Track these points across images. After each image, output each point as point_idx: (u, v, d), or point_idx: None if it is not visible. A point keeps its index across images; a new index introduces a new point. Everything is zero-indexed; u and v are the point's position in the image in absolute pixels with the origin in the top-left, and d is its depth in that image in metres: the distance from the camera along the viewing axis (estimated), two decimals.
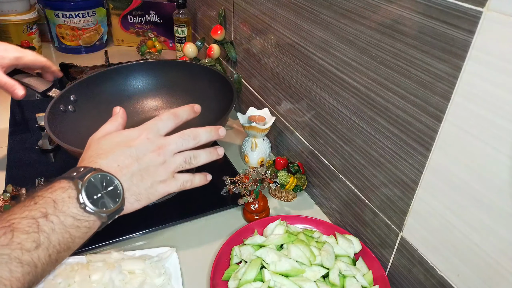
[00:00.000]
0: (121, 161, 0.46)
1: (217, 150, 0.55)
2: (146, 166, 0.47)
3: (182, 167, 0.51)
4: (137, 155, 0.47)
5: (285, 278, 0.55)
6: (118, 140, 0.48)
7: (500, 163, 0.41)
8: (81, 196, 0.41)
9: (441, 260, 0.51)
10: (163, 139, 0.49)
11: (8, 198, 0.58)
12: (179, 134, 0.51)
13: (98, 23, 1.37)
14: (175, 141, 0.50)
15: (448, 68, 0.44)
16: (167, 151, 0.49)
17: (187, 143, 0.51)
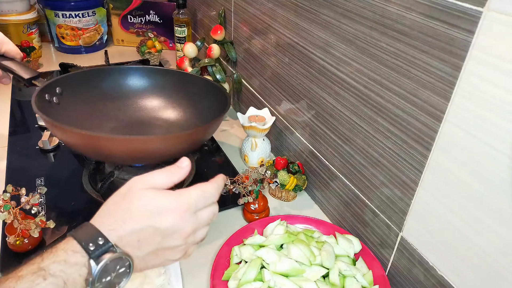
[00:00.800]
0: (143, 236, 0.40)
1: None
2: (166, 247, 0.42)
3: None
4: (164, 234, 0.41)
5: (285, 278, 0.55)
6: (153, 207, 0.41)
7: (500, 163, 0.41)
8: (92, 280, 0.37)
9: (441, 260, 0.51)
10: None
11: (8, 198, 0.58)
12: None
13: (98, 23, 1.37)
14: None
15: (448, 68, 0.44)
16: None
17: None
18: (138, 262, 0.41)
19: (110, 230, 0.39)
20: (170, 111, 0.89)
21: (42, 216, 0.60)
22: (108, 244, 0.38)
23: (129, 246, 0.40)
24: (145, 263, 0.43)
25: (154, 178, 0.44)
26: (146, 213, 0.40)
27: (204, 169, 0.84)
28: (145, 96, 0.89)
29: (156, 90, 0.90)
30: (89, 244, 0.37)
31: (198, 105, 0.87)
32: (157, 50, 1.27)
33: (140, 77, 0.89)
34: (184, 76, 0.89)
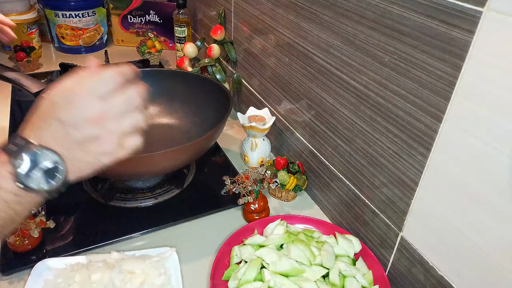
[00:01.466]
0: (56, 132, 0.41)
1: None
2: (85, 138, 0.42)
3: (130, 132, 0.44)
4: (72, 124, 0.41)
5: (285, 278, 0.55)
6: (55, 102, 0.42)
7: (500, 163, 0.41)
8: (19, 174, 0.39)
9: (441, 260, 0.51)
10: (104, 103, 0.43)
11: None
12: (120, 97, 0.44)
13: (98, 23, 1.37)
14: (119, 104, 0.43)
15: (448, 68, 0.44)
16: (109, 117, 0.43)
17: (132, 106, 0.44)
18: (70, 162, 0.42)
19: (29, 133, 0.41)
20: (171, 116, 0.90)
21: (42, 216, 0.60)
22: (27, 142, 0.40)
23: (50, 145, 0.41)
24: (79, 162, 0.42)
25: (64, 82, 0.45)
26: (49, 109, 0.42)
27: (204, 169, 0.84)
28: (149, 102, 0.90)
29: (156, 93, 0.90)
30: (12, 146, 0.40)
31: (199, 107, 0.87)
32: (157, 50, 1.27)
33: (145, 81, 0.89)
34: (185, 75, 0.89)
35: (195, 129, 0.86)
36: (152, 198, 0.74)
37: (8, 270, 0.59)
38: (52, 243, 0.64)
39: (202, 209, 0.73)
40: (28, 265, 0.59)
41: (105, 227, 0.68)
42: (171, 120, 0.90)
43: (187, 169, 0.81)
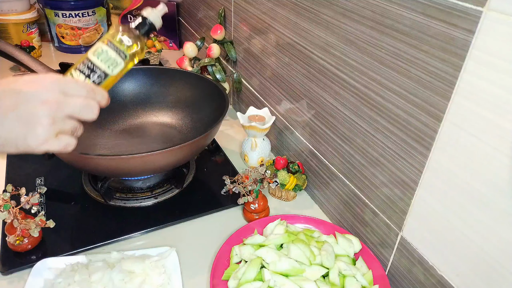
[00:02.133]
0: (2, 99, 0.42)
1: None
2: (27, 114, 0.42)
3: (69, 133, 0.46)
4: (25, 99, 0.42)
5: (285, 277, 0.55)
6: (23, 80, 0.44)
7: (500, 163, 0.41)
8: None
9: (441, 260, 0.51)
10: (64, 96, 0.44)
11: (8, 197, 0.58)
12: (82, 101, 0.45)
13: (98, 23, 1.37)
14: (77, 104, 0.45)
15: (448, 67, 0.44)
16: (63, 110, 0.44)
17: (87, 113, 0.46)
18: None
19: None
20: (168, 114, 0.90)
21: (42, 216, 0.60)
22: None
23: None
24: (7, 132, 0.42)
25: None
26: (12, 80, 0.44)
27: (204, 169, 0.84)
28: (143, 99, 0.90)
29: (153, 92, 0.90)
30: None
31: (196, 106, 0.87)
32: (157, 49, 1.27)
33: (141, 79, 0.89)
34: (181, 74, 0.89)
35: (191, 128, 0.86)
36: (152, 197, 0.74)
37: (8, 269, 0.59)
38: (52, 242, 0.64)
39: (202, 208, 0.73)
40: (28, 264, 0.59)
41: (105, 227, 0.68)
42: (168, 118, 0.90)
43: (187, 169, 0.81)
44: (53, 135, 0.44)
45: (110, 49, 0.49)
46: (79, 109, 0.45)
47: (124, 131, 0.87)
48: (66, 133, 0.46)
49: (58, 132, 0.44)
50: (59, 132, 0.45)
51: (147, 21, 0.52)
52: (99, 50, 0.49)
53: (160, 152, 0.61)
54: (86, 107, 0.46)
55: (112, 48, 0.49)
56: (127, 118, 0.89)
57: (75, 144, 0.47)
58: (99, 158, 0.62)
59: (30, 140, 0.43)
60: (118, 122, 0.88)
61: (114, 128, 0.87)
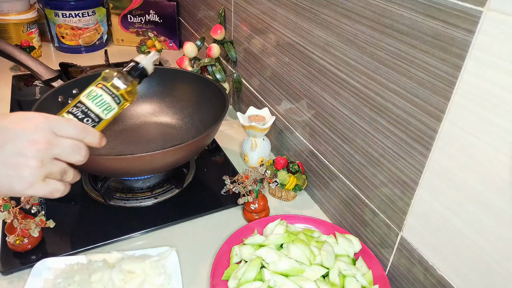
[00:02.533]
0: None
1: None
2: (14, 154, 0.40)
3: (56, 177, 0.44)
4: (13, 137, 0.40)
5: (285, 277, 0.55)
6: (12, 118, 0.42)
7: (500, 163, 0.41)
8: None
9: (441, 260, 0.51)
10: (54, 137, 0.42)
11: (8, 197, 0.58)
12: (72, 142, 0.44)
13: (98, 23, 1.37)
14: (66, 146, 0.43)
15: (448, 67, 0.44)
16: (52, 151, 0.42)
17: (74, 155, 0.44)
18: None
19: None
20: (168, 114, 0.90)
21: (42, 216, 0.60)
22: None
23: None
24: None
25: None
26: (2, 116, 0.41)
27: (204, 169, 0.84)
28: (141, 99, 0.90)
29: (152, 91, 0.90)
30: None
31: (196, 106, 0.87)
32: (157, 49, 1.27)
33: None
34: (180, 73, 0.89)
35: (191, 128, 0.87)
36: (152, 197, 0.74)
37: (8, 269, 0.59)
38: (52, 242, 0.64)
39: (202, 208, 0.73)
40: (28, 264, 0.59)
41: (105, 227, 0.68)
42: (168, 118, 0.90)
43: (187, 169, 0.81)
44: (40, 179, 0.42)
45: (105, 93, 0.49)
46: (68, 151, 0.43)
47: (124, 131, 0.87)
48: (54, 177, 0.43)
49: (46, 175, 0.42)
50: (47, 176, 0.42)
51: (139, 66, 0.53)
52: (93, 94, 0.49)
53: (160, 152, 0.61)
54: (75, 149, 0.44)
55: (107, 92, 0.49)
56: (127, 118, 0.89)
57: (63, 190, 0.44)
58: (99, 158, 0.62)
59: (15, 184, 0.40)
60: (118, 122, 0.88)
61: (114, 128, 0.87)
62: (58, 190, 0.44)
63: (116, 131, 0.86)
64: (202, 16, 1.22)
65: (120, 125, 0.88)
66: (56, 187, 0.44)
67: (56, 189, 0.44)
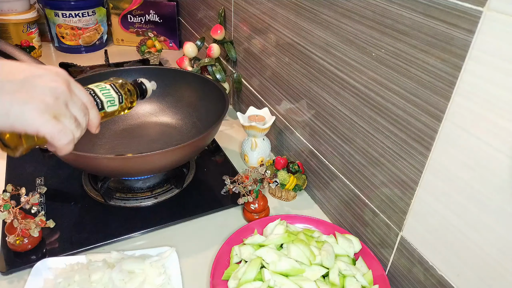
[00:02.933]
0: (7, 68, 0.40)
1: None
2: (33, 85, 0.40)
3: (71, 117, 0.43)
4: (36, 74, 0.41)
5: (285, 277, 0.55)
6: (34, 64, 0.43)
7: (500, 163, 0.41)
8: None
9: (441, 260, 0.51)
10: (70, 88, 0.44)
11: (8, 197, 0.58)
12: (82, 102, 0.45)
13: (98, 23, 1.37)
14: (78, 101, 0.44)
15: (448, 67, 0.44)
16: (68, 97, 0.43)
17: (81, 116, 0.45)
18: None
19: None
20: (167, 114, 0.90)
21: (42, 216, 0.60)
22: None
23: None
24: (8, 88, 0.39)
25: None
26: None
27: (204, 168, 0.84)
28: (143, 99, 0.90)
29: (152, 91, 0.90)
30: None
31: (196, 106, 0.87)
32: (157, 49, 1.27)
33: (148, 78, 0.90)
34: (181, 74, 0.89)
35: (191, 128, 0.87)
36: (152, 197, 0.74)
37: (8, 269, 0.59)
38: (52, 242, 0.64)
39: (202, 208, 0.73)
40: (28, 264, 0.59)
41: (105, 227, 0.68)
42: (168, 118, 0.90)
43: (187, 169, 0.81)
44: (52, 115, 0.41)
45: (112, 89, 0.53)
46: (78, 107, 0.44)
47: (124, 131, 0.87)
48: (64, 121, 0.43)
49: (57, 115, 0.42)
50: (57, 116, 0.42)
51: (143, 84, 0.60)
52: (101, 86, 0.52)
53: (160, 152, 0.61)
54: (83, 110, 0.45)
55: (114, 89, 0.53)
56: (127, 118, 0.89)
57: (70, 139, 0.43)
58: (99, 158, 0.62)
59: (27, 111, 0.39)
60: (118, 122, 0.88)
61: (114, 128, 0.87)
62: (66, 133, 0.42)
63: (116, 131, 0.87)
64: (202, 16, 1.22)
65: (120, 125, 0.88)
66: (65, 130, 0.42)
67: (64, 131, 0.42)
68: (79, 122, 0.45)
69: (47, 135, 0.41)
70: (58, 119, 0.42)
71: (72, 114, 0.44)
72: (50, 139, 0.41)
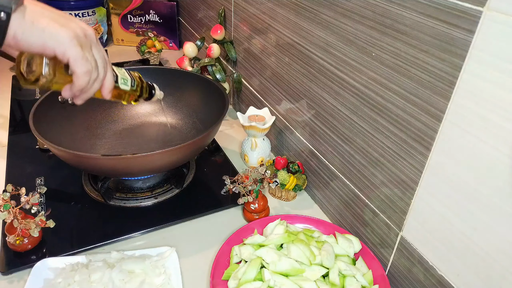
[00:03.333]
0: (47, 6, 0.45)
1: None
2: (69, 19, 0.46)
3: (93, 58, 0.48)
4: (68, 16, 0.46)
5: (285, 277, 0.55)
6: None
7: (500, 163, 0.41)
8: None
9: (441, 260, 0.51)
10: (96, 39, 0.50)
11: (8, 197, 0.58)
12: (104, 56, 0.50)
13: (98, 23, 1.37)
14: (101, 51, 0.49)
15: (448, 67, 0.44)
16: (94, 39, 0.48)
17: (102, 65, 0.49)
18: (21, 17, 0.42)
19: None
20: (168, 114, 0.90)
21: (42, 216, 0.60)
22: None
23: None
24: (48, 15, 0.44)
25: None
26: None
27: (204, 168, 0.84)
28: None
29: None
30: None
31: (195, 106, 0.87)
32: (157, 49, 1.27)
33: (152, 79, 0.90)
34: (180, 74, 0.89)
35: (191, 128, 0.87)
36: (152, 197, 0.74)
37: (8, 269, 0.59)
38: (52, 242, 0.64)
39: (202, 208, 0.73)
40: (28, 264, 0.59)
41: (105, 227, 0.68)
42: (168, 118, 0.90)
43: (187, 169, 0.81)
44: (79, 45, 0.45)
45: (126, 73, 0.57)
46: (101, 56, 0.49)
47: (124, 131, 0.87)
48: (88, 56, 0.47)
49: (83, 47, 0.46)
50: (83, 48, 0.46)
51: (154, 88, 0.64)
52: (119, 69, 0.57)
53: (160, 152, 0.61)
54: (104, 62, 0.50)
55: (128, 73, 0.58)
56: (127, 118, 0.89)
57: (88, 68, 0.46)
58: (99, 158, 0.62)
59: (61, 32, 0.43)
60: (118, 122, 0.88)
61: (114, 128, 0.87)
62: (88, 62, 0.46)
63: (116, 131, 0.87)
64: (202, 16, 1.22)
65: (120, 125, 0.88)
66: (87, 59, 0.46)
67: (86, 59, 0.46)
68: (98, 67, 0.49)
69: (71, 58, 0.45)
70: (83, 51, 0.46)
71: (94, 57, 0.48)
72: (73, 62, 0.45)
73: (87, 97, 0.50)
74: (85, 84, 0.48)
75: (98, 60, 0.48)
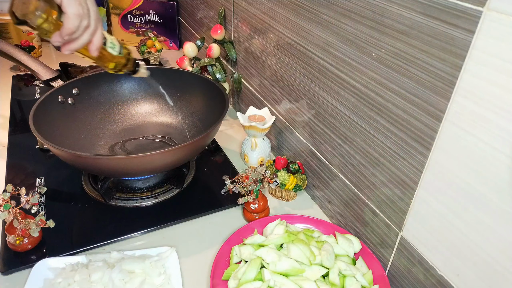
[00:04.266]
0: None
1: None
2: None
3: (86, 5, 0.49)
4: None
5: (285, 277, 0.55)
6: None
7: (500, 163, 0.41)
8: None
9: (441, 260, 0.51)
10: None
11: (8, 197, 0.58)
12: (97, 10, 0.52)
13: None
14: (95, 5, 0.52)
15: (448, 67, 0.44)
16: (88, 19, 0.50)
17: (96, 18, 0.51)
18: None
19: None
20: (168, 114, 0.90)
21: (42, 216, 0.60)
22: None
23: None
24: None
25: None
26: None
27: (204, 168, 0.84)
28: (141, 99, 0.90)
29: (153, 92, 0.90)
30: None
31: (195, 106, 0.87)
32: (157, 49, 1.27)
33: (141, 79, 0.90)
34: (180, 74, 0.89)
35: (191, 128, 0.87)
36: (152, 197, 0.74)
37: (8, 269, 0.59)
38: (52, 242, 0.64)
39: (202, 208, 0.73)
40: (28, 264, 0.59)
41: (105, 226, 0.68)
42: (168, 118, 0.90)
43: (187, 169, 0.81)
44: None
45: (116, 40, 0.61)
46: (94, 11, 0.50)
47: (124, 131, 0.87)
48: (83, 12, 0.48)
49: None
50: None
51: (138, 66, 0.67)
52: (110, 35, 0.60)
53: (160, 152, 0.61)
54: (97, 16, 0.51)
55: (118, 41, 0.62)
56: (127, 118, 0.89)
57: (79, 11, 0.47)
58: (99, 158, 0.62)
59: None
60: (118, 122, 0.88)
61: (114, 128, 0.87)
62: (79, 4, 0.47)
63: (116, 131, 0.87)
64: (202, 16, 1.22)
65: (120, 125, 0.88)
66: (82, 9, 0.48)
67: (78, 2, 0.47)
68: (90, 16, 0.50)
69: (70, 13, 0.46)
70: None
71: (88, 5, 0.49)
72: (66, 2, 0.46)
73: (75, 47, 0.51)
74: (75, 28, 0.48)
75: (91, 9, 0.49)
